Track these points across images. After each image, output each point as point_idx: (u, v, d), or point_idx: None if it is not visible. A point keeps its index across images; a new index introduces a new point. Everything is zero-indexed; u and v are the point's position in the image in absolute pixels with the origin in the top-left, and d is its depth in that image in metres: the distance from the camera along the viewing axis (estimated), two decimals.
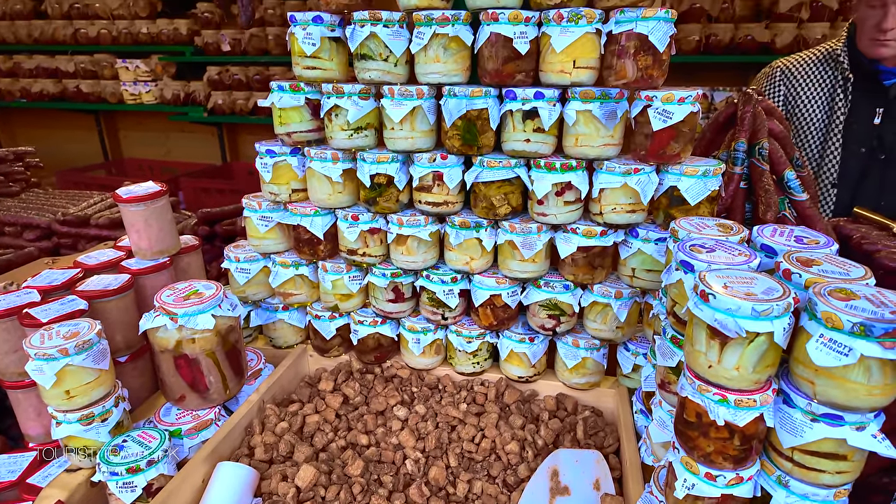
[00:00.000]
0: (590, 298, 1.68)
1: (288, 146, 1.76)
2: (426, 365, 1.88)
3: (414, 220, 1.68)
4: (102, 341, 1.42)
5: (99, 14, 4.77)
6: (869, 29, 2.13)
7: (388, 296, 1.81)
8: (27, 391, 1.56)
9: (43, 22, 4.92)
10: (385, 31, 1.52)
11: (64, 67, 5.00)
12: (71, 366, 1.34)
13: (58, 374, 1.34)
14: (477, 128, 1.56)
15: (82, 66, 4.98)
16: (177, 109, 4.89)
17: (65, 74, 5.07)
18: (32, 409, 1.58)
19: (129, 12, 4.72)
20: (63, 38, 4.91)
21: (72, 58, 4.98)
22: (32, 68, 5.10)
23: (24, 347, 1.33)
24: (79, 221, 2.61)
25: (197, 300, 1.54)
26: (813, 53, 2.43)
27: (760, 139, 1.81)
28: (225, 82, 4.70)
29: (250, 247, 1.94)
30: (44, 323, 1.44)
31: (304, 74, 1.64)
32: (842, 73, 2.32)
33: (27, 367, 1.34)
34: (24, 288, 1.63)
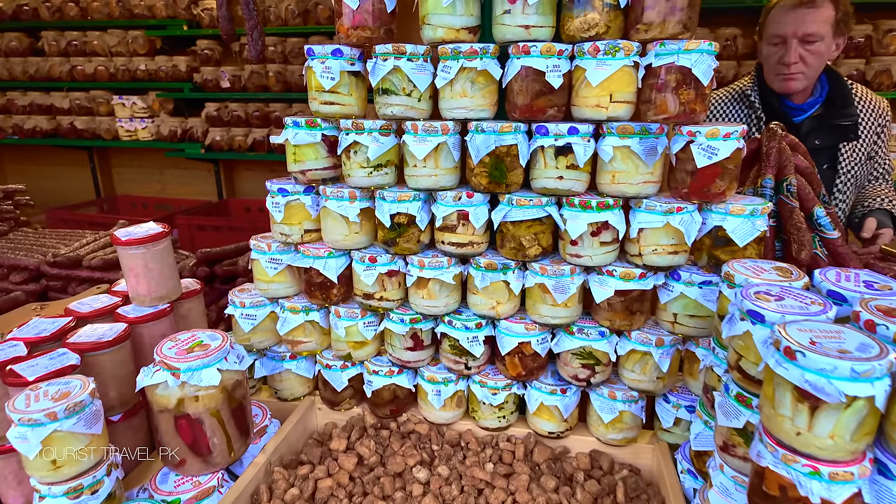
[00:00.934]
0: (627, 346, 1.56)
1: (302, 184, 1.66)
2: (447, 419, 1.73)
3: (436, 261, 1.56)
4: (96, 402, 1.27)
5: (97, 51, 4.73)
6: (774, 66, 2.17)
7: (406, 343, 1.68)
8: (7, 456, 1.39)
9: (39, 59, 4.87)
10: (409, 64, 1.44)
11: (59, 104, 4.93)
12: (59, 432, 1.19)
13: (44, 442, 1.18)
14: (506, 165, 1.46)
15: (77, 102, 4.90)
16: (173, 146, 4.80)
17: (59, 111, 4.99)
18: (13, 476, 1.41)
19: (128, 49, 4.68)
20: (59, 74, 4.84)
21: (67, 94, 4.91)
22: (26, 105, 5.01)
23: (7, 411, 1.18)
24: (70, 263, 2.46)
25: (202, 353, 1.40)
26: (726, 92, 2.47)
27: (787, 175, 1.74)
28: (223, 119, 4.64)
29: (257, 291, 1.81)
30: (30, 381, 1.29)
31: (321, 110, 1.54)
32: (754, 111, 2.35)
33: (9, 435, 1.18)
34: (8, 340, 1.48)
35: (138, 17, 4.58)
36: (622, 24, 1.39)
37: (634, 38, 1.37)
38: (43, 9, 4.69)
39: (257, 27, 1.93)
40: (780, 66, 2.06)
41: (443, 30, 1.42)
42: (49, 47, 4.82)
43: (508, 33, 1.40)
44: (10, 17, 4.79)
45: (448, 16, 1.41)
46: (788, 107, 2.31)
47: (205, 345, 1.44)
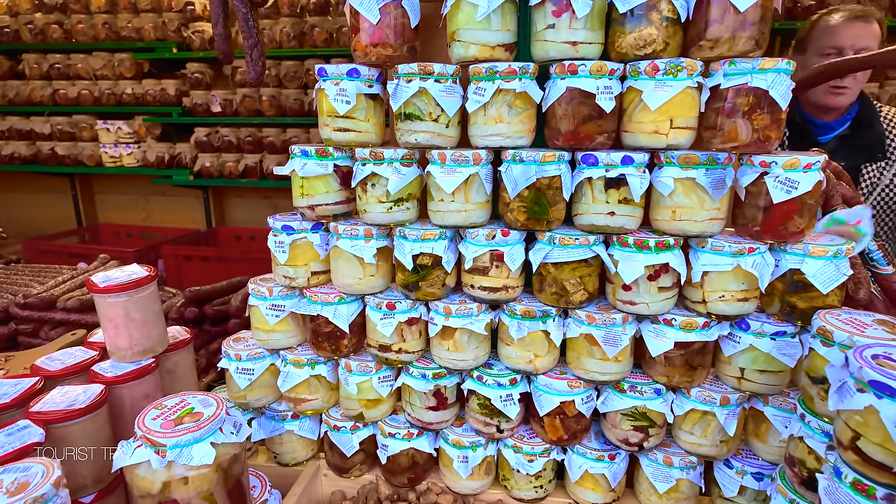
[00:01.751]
0: (686, 406, 1.35)
1: (309, 221, 1.45)
2: (475, 489, 1.51)
3: (465, 308, 1.36)
4: (62, 493, 1.03)
5: (81, 74, 4.52)
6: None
7: (428, 402, 1.46)
8: None
9: (19, 82, 4.64)
10: (437, 86, 1.25)
11: (39, 129, 4.68)
12: None
13: None
14: (547, 199, 1.27)
15: (59, 127, 4.66)
16: (160, 172, 4.57)
17: (39, 136, 4.74)
18: None
19: (114, 73, 4.48)
20: (41, 98, 4.61)
21: (48, 119, 4.68)
22: (4, 130, 4.76)
23: None
24: (42, 304, 2.22)
25: (192, 424, 1.16)
26: None
27: (835, 206, 1.57)
28: (214, 144, 4.42)
29: (255, 341, 1.59)
30: None
31: (333, 137, 1.35)
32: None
33: None
34: None
35: (125, 40, 4.39)
36: (681, 41, 1.22)
37: (696, 56, 1.20)
38: (25, 31, 4.48)
39: (257, 46, 1.75)
40: (835, 81, 1.93)
41: (476, 47, 1.24)
42: (30, 70, 4.59)
43: (552, 50, 1.22)
44: None
45: (482, 31, 1.23)
46: (814, 124, 2.19)
47: (196, 413, 1.21)
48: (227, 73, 4.36)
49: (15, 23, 4.55)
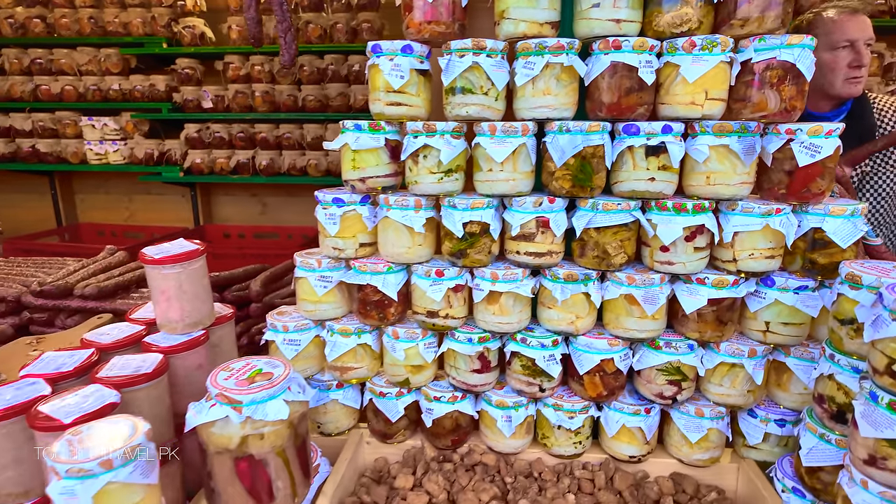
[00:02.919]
0: (716, 359, 1.46)
1: (359, 193, 1.51)
2: (516, 448, 1.59)
3: (511, 273, 1.44)
4: (150, 446, 1.07)
5: (64, 70, 4.42)
6: (845, 70, 2.15)
7: (473, 365, 1.54)
8: None
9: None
10: (489, 61, 1.34)
11: (19, 126, 4.55)
12: (114, 484, 0.98)
13: (95, 498, 0.97)
14: (591, 167, 1.37)
15: (41, 124, 4.54)
16: (149, 169, 4.50)
17: (19, 133, 4.60)
18: None
19: (100, 68, 4.40)
20: (21, 94, 4.49)
21: (29, 115, 4.55)
22: None
23: (47, 461, 0.97)
24: (58, 292, 2.19)
25: (265, 382, 1.21)
26: None
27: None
28: (205, 140, 4.39)
29: (301, 313, 1.63)
30: (67, 425, 1.07)
31: (386, 111, 1.41)
32: None
33: (50, 491, 0.96)
34: (23, 377, 1.25)
35: (112, 35, 4.32)
36: (713, 20, 1.34)
37: (727, 33, 1.32)
38: (5, 25, 4.36)
39: (290, 30, 1.80)
40: (852, 70, 2.06)
41: (525, 24, 1.34)
42: (10, 65, 4.47)
43: (597, 28, 1.32)
44: None
45: (531, 9, 1.32)
46: (811, 115, 2.34)
47: (266, 373, 1.26)
48: (219, 68, 4.34)
49: None
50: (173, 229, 4.88)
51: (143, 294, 2.34)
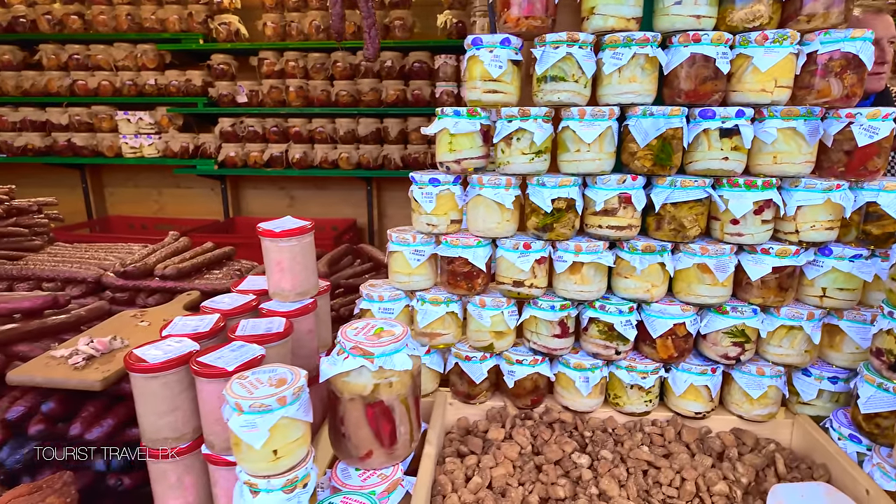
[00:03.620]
0: (776, 322, 1.62)
1: (454, 174, 1.66)
2: (591, 407, 1.74)
3: (593, 246, 1.59)
4: (307, 389, 1.21)
5: (101, 65, 4.53)
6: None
7: (554, 331, 1.69)
8: (176, 462, 1.30)
9: (35, 73, 4.62)
10: (580, 52, 1.49)
11: (55, 120, 4.67)
12: (285, 419, 1.13)
13: (271, 430, 1.12)
14: (672, 147, 1.52)
15: (77, 118, 4.66)
16: (183, 163, 4.63)
17: (55, 127, 4.72)
18: (179, 480, 1.32)
19: (136, 64, 4.52)
20: (58, 89, 4.60)
21: (66, 110, 4.67)
22: (17, 121, 4.72)
23: (230, 399, 1.11)
24: (139, 273, 2.33)
25: (391, 337, 1.36)
26: None
27: None
28: (239, 134, 4.52)
29: (394, 284, 1.78)
30: (230, 372, 1.22)
31: (483, 98, 1.57)
32: None
33: (232, 424, 1.11)
34: (167, 337, 1.39)
35: (149, 31, 4.44)
36: (780, 15, 1.49)
37: (794, 27, 1.47)
38: (43, 21, 4.47)
39: (374, 26, 1.94)
40: (876, 66, 2.24)
41: (614, 19, 1.49)
42: (48, 61, 4.58)
43: (678, 22, 1.48)
44: (4, 29, 4.55)
45: (619, 6, 1.48)
46: None
47: (388, 331, 1.40)
48: (253, 63, 4.47)
49: (32, 13, 4.54)
50: (204, 222, 5.02)
51: (214, 275, 2.47)
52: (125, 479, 1.51)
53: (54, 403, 1.46)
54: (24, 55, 4.73)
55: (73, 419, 1.47)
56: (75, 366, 1.50)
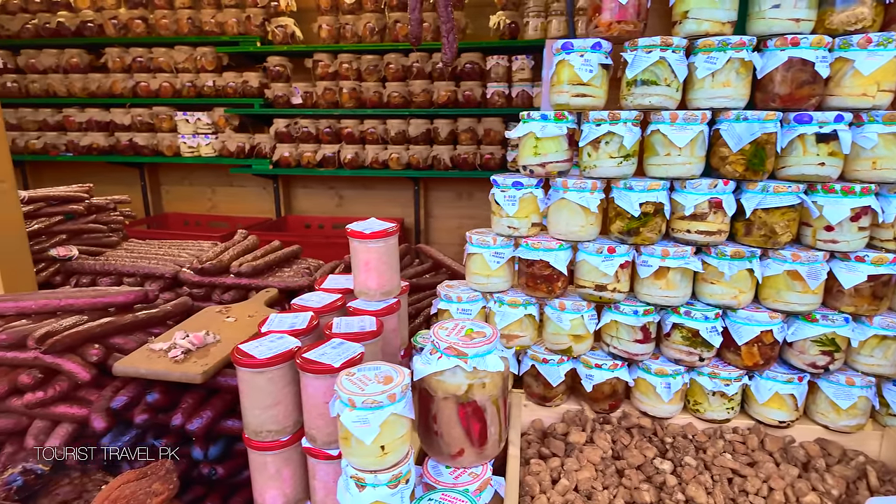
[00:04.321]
0: (868, 332, 1.58)
1: (537, 177, 1.67)
2: (671, 413, 1.73)
3: (680, 250, 1.58)
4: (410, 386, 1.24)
5: (162, 67, 4.70)
6: None
7: (636, 336, 1.68)
8: (276, 454, 1.35)
9: (100, 75, 4.82)
10: (673, 56, 1.48)
11: (119, 120, 4.86)
12: (394, 415, 1.16)
13: (382, 426, 1.15)
14: (765, 152, 1.50)
15: (139, 118, 4.84)
16: (239, 162, 4.76)
17: (118, 127, 4.92)
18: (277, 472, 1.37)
19: (195, 66, 4.67)
20: (121, 90, 4.79)
21: (129, 110, 4.85)
22: (83, 122, 4.94)
23: (342, 395, 1.15)
24: (216, 270, 2.41)
25: (483, 339, 1.38)
26: None
27: None
28: (293, 134, 4.63)
29: (472, 286, 1.80)
30: (337, 368, 1.26)
31: (571, 102, 1.57)
32: None
33: (345, 420, 1.15)
34: (267, 333, 1.44)
35: (208, 34, 4.58)
36: (882, 18, 1.46)
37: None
38: (109, 25, 4.66)
39: (453, 30, 1.96)
40: None
41: (708, 23, 1.48)
42: (113, 63, 4.77)
43: (776, 26, 1.46)
44: (73, 33, 4.76)
45: (715, 10, 1.47)
46: None
47: (478, 332, 1.42)
48: (308, 66, 4.56)
49: (100, 17, 4.73)
50: (255, 219, 5.15)
51: (285, 273, 2.54)
52: (219, 469, 1.57)
53: (158, 394, 1.53)
54: (91, 58, 4.93)
55: (173, 410, 1.54)
56: (175, 359, 1.57)
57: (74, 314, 1.81)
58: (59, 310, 1.83)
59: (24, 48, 4.93)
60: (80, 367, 1.61)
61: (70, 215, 2.76)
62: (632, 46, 1.51)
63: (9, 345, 1.63)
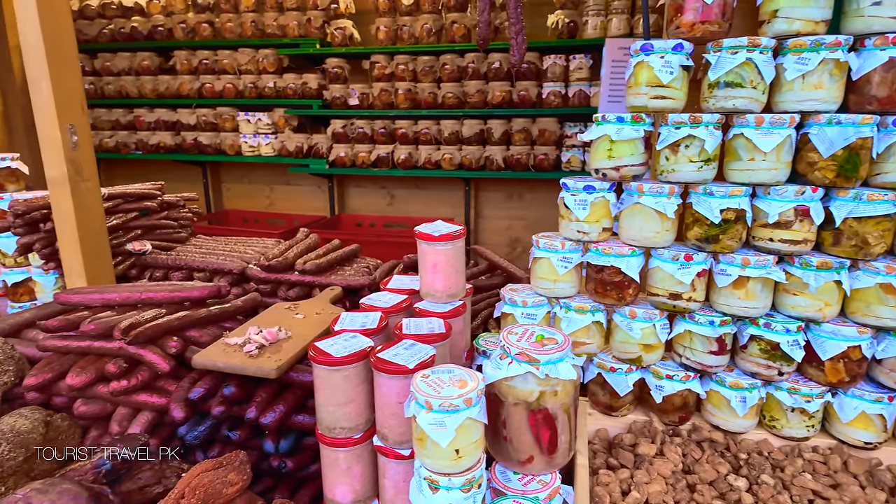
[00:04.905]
0: None
1: (610, 181, 1.63)
2: (745, 428, 1.66)
3: (762, 259, 1.51)
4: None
5: (226, 69, 4.88)
6: None
7: (711, 347, 1.62)
8: (348, 450, 1.37)
9: (169, 77, 5.05)
10: (761, 57, 1.42)
11: (185, 120, 5.08)
12: (469, 419, 1.16)
13: (457, 429, 1.15)
14: (859, 158, 1.42)
15: (204, 118, 5.04)
16: (297, 161, 4.89)
17: (184, 127, 5.14)
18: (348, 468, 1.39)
19: (257, 67, 4.82)
20: (188, 92, 5.00)
21: (194, 111, 5.06)
22: (152, 121, 5.18)
23: (419, 396, 1.16)
24: (282, 267, 2.48)
25: (555, 346, 1.36)
26: None
27: None
28: (349, 135, 4.71)
29: (537, 290, 1.78)
30: (411, 370, 1.27)
31: (649, 105, 1.53)
32: None
33: (421, 421, 1.15)
34: (341, 332, 1.47)
35: (270, 37, 4.72)
36: None
37: None
38: (178, 29, 4.87)
39: (522, 31, 1.95)
40: None
41: (800, 22, 1.41)
42: (181, 66, 4.99)
43: (875, 24, 1.37)
44: (145, 37, 5.00)
45: (807, 8, 1.40)
46: None
47: (549, 338, 1.40)
48: (365, 67, 4.63)
49: (169, 21, 4.95)
50: (310, 217, 5.27)
51: (346, 271, 2.58)
52: (289, 462, 1.61)
53: (234, 387, 1.58)
54: (160, 61, 5.16)
55: (247, 403, 1.59)
56: (249, 353, 1.62)
57: (154, 307, 1.89)
58: (139, 303, 1.92)
59: (101, 52, 5.21)
60: (160, 359, 1.68)
61: (144, 211, 2.89)
62: (716, 47, 1.46)
63: (97, 335, 1.72)
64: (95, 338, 1.72)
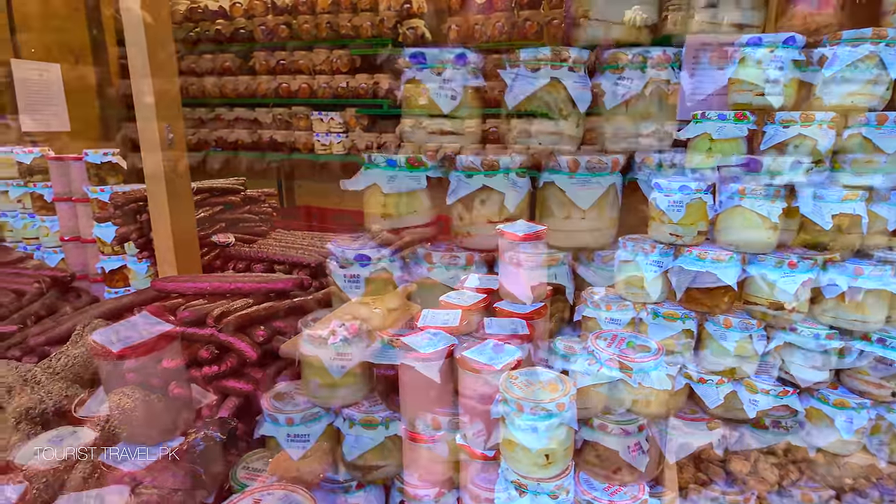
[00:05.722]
0: None
1: (707, 182, 1.55)
2: (849, 450, 1.53)
3: (877, 270, 1.39)
4: None
5: (302, 69, 5.04)
6: None
7: (814, 362, 1.51)
8: (432, 446, 1.37)
9: (248, 77, 5.27)
10: (887, 50, 1.30)
11: (262, 119, 5.29)
12: (562, 425, 1.13)
13: (549, 435, 1.12)
14: None
15: (279, 117, 5.24)
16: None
17: (261, 125, 5.36)
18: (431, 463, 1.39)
19: (331, 67, 4.96)
20: (265, 92, 5.21)
21: (271, 110, 5.27)
22: (231, 119, 5.43)
23: (510, 399, 1.14)
24: None
25: (648, 353, 1.31)
26: None
27: None
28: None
29: (624, 295, 1.72)
30: (498, 370, 1.25)
31: (753, 102, 1.44)
32: None
33: (511, 424, 1.13)
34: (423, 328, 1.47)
35: (344, 37, 4.84)
36: None
37: None
38: (258, 31, 5.09)
39: None
40: None
41: None
42: (259, 66, 5.20)
43: None
44: (227, 39, 5.24)
45: None
46: None
47: (640, 345, 1.35)
48: None
49: (250, 24, 5.17)
50: None
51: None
52: None
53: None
54: (241, 62, 5.40)
55: None
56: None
57: (242, 297, 1.97)
58: (228, 292, 2.00)
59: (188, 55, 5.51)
60: (248, 347, 1.75)
61: (228, 205, 3.02)
62: (833, 40, 1.35)
63: (190, 321, 1.80)
64: (189, 324, 1.80)
